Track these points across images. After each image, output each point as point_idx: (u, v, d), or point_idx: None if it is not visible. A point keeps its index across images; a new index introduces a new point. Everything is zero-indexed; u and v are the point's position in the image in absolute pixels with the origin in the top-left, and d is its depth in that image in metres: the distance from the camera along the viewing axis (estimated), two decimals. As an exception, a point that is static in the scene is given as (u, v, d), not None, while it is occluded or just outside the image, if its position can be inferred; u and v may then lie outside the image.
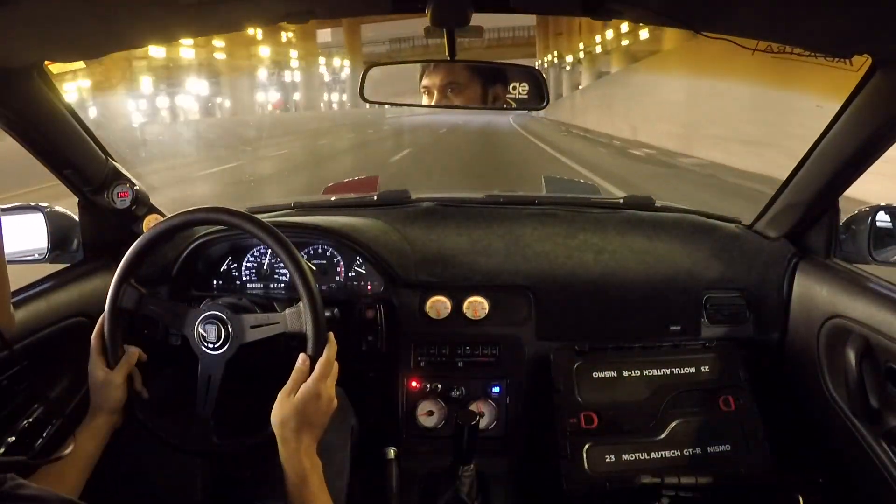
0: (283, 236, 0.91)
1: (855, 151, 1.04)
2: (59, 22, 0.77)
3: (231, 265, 1.31)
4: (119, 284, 0.94)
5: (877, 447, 0.99)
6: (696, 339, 1.23)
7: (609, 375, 1.19)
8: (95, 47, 0.92)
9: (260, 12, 0.95)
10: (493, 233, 1.32)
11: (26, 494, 0.54)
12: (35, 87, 0.98)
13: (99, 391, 0.90)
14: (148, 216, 1.27)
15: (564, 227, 1.34)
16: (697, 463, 1.10)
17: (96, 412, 0.89)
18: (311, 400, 0.83)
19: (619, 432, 1.13)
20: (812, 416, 1.17)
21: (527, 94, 1.03)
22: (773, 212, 1.28)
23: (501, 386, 1.25)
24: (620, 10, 0.88)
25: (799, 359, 1.19)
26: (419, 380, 1.24)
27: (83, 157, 1.15)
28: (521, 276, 1.26)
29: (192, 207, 0.96)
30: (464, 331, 1.25)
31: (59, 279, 1.13)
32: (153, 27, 0.90)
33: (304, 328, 0.88)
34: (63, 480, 0.81)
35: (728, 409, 1.16)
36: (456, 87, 1.06)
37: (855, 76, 0.94)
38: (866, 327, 0.99)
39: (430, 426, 1.23)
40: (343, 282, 1.30)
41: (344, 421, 1.09)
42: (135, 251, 0.95)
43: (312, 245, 1.30)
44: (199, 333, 0.92)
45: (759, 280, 1.26)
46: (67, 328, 1.09)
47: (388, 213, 1.39)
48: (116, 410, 0.90)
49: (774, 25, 0.84)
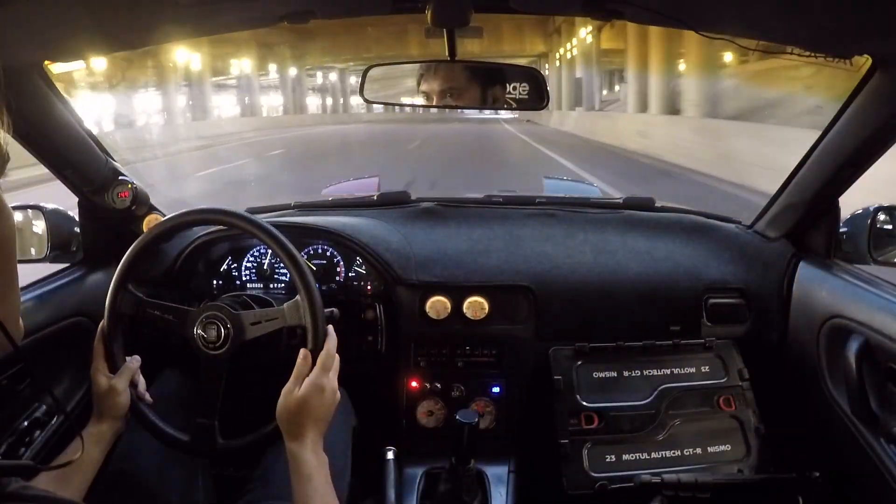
0: (278, 233, 0.91)
1: (855, 151, 1.04)
2: (59, 22, 0.77)
3: (231, 265, 1.31)
4: (117, 290, 0.94)
5: (877, 447, 0.99)
6: (696, 339, 1.23)
7: (609, 375, 1.19)
8: (95, 47, 0.92)
9: (260, 12, 0.95)
10: (493, 233, 1.32)
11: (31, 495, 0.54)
12: (35, 87, 0.98)
13: (102, 398, 0.90)
14: (148, 216, 1.28)
15: (564, 227, 1.34)
16: (697, 463, 1.10)
17: (100, 418, 0.89)
18: (314, 393, 0.83)
19: (619, 432, 1.13)
20: (812, 416, 1.17)
21: (527, 94, 1.02)
22: (774, 212, 1.28)
23: (501, 386, 1.25)
24: (620, 9, 0.88)
25: (799, 359, 1.19)
26: (419, 380, 1.24)
27: (83, 157, 1.15)
28: (521, 276, 1.26)
29: (191, 208, 0.96)
30: (464, 331, 1.25)
31: (59, 279, 1.13)
32: (153, 27, 0.90)
33: (303, 321, 0.88)
34: (67, 485, 0.81)
35: (728, 409, 1.16)
36: (455, 92, 1.05)
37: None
38: (866, 327, 0.99)
39: (430, 426, 1.23)
40: (343, 282, 1.30)
41: (344, 421, 1.09)
42: (132, 254, 0.95)
43: (312, 245, 1.30)
44: (200, 334, 0.92)
45: (759, 280, 1.26)
46: (67, 328, 1.09)
47: (388, 213, 1.39)
48: (120, 417, 0.90)
49: (774, 25, 0.84)
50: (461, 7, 0.89)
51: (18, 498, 0.51)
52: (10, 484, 0.52)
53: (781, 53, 0.88)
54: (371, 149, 13.73)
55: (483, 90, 1.05)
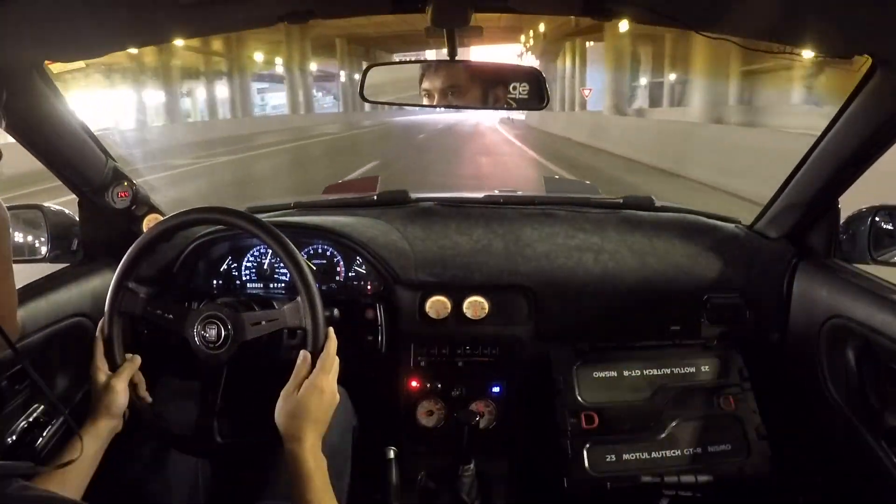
0: (279, 233, 0.91)
1: (855, 151, 1.04)
2: (59, 22, 0.77)
3: (231, 265, 1.31)
4: (117, 288, 0.93)
5: (877, 447, 0.99)
6: (696, 339, 1.23)
7: (609, 375, 1.18)
8: (95, 47, 0.91)
9: (260, 12, 0.95)
10: (493, 233, 1.32)
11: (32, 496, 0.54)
12: (35, 87, 0.98)
13: (101, 396, 0.90)
14: (148, 216, 1.27)
15: (564, 227, 1.34)
16: (697, 463, 1.10)
17: (98, 416, 0.89)
18: (313, 395, 0.83)
19: (619, 432, 1.13)
20: (812, 416, 1.17)
21: (527, 94, 1.02)
22: (774, 212, 1.28)
23: (501, 386, 1.25)
24: (620, 9, 0.88)
25: (799, 359, 1.19)
26: (419, 380, 1.24)
27: (83, 157, 1.15)
28: (521, 276, 1.26)
29: (191, 207, 0.96)
30: (464, 331, 1.25)
31: (59, 279, 1.13)
32: (153, 27, 0.90)
33: (303, 322, 0.88)
34: (65, 484, 0.81)
35: (728, 409, 1.16)
36: (456, 91, 1.06)
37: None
38: (866, 327, 0.99)
39: (430, 426, 1.23)
40: (343, 282, 1.29)
41: (345, 421, 1.09)
42: (132, 254, 0.95)
43: (312, 245, 1.30)
44: (200, 334, 0.92)
45: (759, 280, 1.26)
46: (67, 328, 1.09)
47: (387, 212, 1.39)
48: (118, 415, 0.90)
49: (774, 26, 0.84)
50: (461, 7, 0.89)
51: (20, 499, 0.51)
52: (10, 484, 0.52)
53: (781, 53, 0.88)
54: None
55: (484, 90, 1.05)
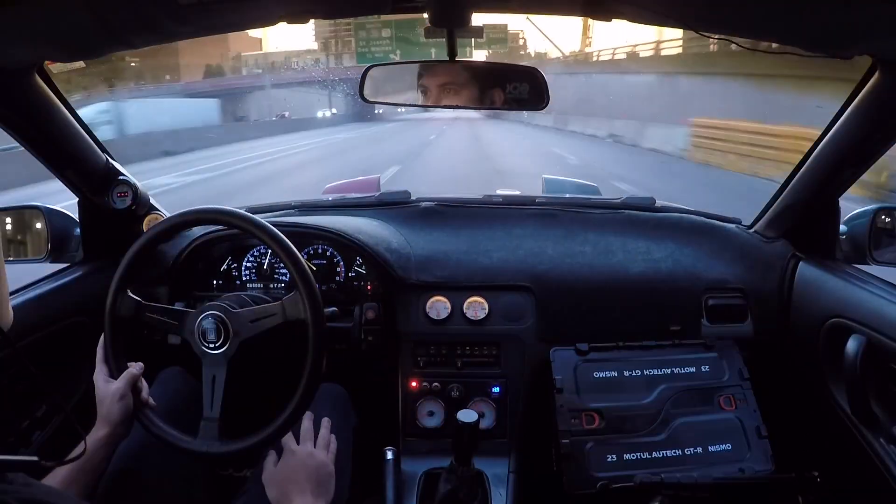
0: (278, 233, 0.91)
1: (855, 151, 1.04)
2: (59, 22, 0.77)
3: (231, 265, 1.31)
4: (116, 294, 0.93)
5: (877, 447, 0.99)
6: (696, 338, 1.23)
7: (610, 375, 1.18)
8: (95, 47, 0.91)
9: (260, 12, 0.95)
10: (494, 233, 1.32)
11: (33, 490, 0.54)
12: (35, 87, 0.98)
13: (104, 403, 0.89)
14: (148, 216, 1.28)
15: (564, 227, 1.34)
16: (698, 463, 1.10)
17: (103, 424, 0.88)
18: (298, 463, 0.87)
19: (619, 432, 1.13)
20: (812, 416, 1.17)
21: (526, 94, 1.02)
22: (773, 212, 1.28)
23: (501, 386, 1.25)
24: (620, 9, 0.88)
25: (799, 359, 1.19)
26: (419, 380, 1.24)
27: (83, 157, 1.15)
28: (521, 276, 1.26)
29: (191, 208, 0.96)
30: (464, 331, 1.24)
31: (59, 279, 1.13)
32: (153, 27, 0.90)
33: (302, 315, 0.88)
34: (72, 489, 0.81)
35: (728, 408, 1.16)
36: (456, 92, 1.05)
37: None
38: (866, 327, 0.99)
39: (430, 426, 1.23)
40: (343, 282, 1.29)
41: (345, 421, 1.09)
42: (131, 257, 0.94)
43: (312, 245, 1.30)
44: (200, 334, 0.92)
45: (759, 280, 1.26)
46: (67, 328, 1.09)
47: (387, 213, 1.39)
48: (122, 422, 0.89)
49: (774, 25, 0.84)
50: (461, 7, 0.89)
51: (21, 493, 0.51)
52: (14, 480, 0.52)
53: (781, 53, 0.88)
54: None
55: (483, 90, 1.05)
